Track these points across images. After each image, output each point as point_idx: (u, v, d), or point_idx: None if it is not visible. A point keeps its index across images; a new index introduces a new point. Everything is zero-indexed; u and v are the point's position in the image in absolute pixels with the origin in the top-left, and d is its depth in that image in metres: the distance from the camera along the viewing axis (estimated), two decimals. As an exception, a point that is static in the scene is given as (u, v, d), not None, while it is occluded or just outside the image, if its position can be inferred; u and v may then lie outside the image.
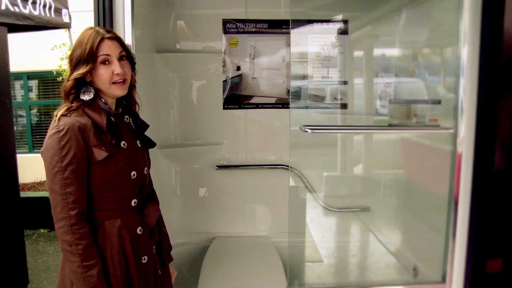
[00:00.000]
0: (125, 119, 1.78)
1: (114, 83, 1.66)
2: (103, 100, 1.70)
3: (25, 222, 5.15)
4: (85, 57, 1.60)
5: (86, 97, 1.66)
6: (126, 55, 1.72)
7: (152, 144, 1.94)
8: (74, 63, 1.63)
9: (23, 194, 6.19)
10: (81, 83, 1.65)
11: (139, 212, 1.75)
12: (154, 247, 1.86)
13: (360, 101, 3.37)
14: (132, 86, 1.82)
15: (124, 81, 1.68)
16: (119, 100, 1.79)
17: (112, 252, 1.64)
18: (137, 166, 1.74)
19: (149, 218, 1.78)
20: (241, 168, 3.33)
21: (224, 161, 3.31)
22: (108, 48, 1.64)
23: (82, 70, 1.60)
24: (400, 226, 3.29)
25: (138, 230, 1.73)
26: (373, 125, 3.39)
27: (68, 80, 1.64)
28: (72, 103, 1.63)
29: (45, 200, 5.68)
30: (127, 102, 1.83)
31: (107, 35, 1.65)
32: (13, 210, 3.77)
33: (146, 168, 1.81)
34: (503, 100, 2.29)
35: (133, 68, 1.79)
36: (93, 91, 1.67)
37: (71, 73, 1.64)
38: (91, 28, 1.68)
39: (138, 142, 1.80)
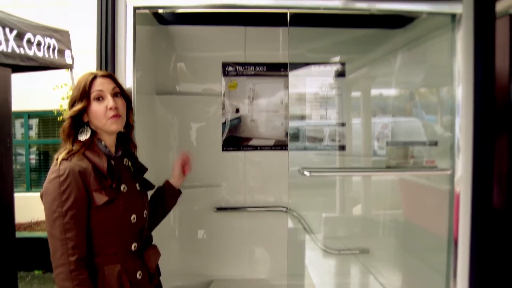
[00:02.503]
0: (125, 162, 1.79)
1: (108, 118, 1.67)
2: (103, 143, 1.71)
3: (19, 263, 5.08)
4: (79, 95, 1.64)
5: (83, 137, 1.67)
6: (120, 92, 1.74)
7: (151, 187, 1.94)
8: (71, 104, 1.67)
9: (18, 234, 6.11)
10: (78, 123, 1.68)
11: (139, 256, 1.74)
12: None
13: (358, 142, 3.39)
14: (130, 127, 1.84)
15: (119, 115, 1.70)
16: (118, 142, 1.80)
17: None
18: (137, 210, 1.74)
19: (150, 262, 1.76)
20: (240, 210, 3.32)
21: (223, 203, 3.30)
22: (100, 84, 1.68)
23: (77, 107, 1.63)
24: (400, 267, 3.25)
25: (138, 275, 1.71)
26: (370, 167, 3.40)
27: (65, 121, 1.67)
28: (72, 145, 1.65)
29: (41, 240, 5.62)
30: (126, 144, 1.85)
31: (100, 73, 1.70)
32: (8, 251, 3.71)
33: (145, 211, 1.80)
34: (498, 138, 2.32)
35: (129, 107, 1.81)
36: (89, 131, 1.69)
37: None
38: (88, 71, 1.73)
39: (137, 185, 1.80)
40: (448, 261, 2.31)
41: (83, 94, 1.64)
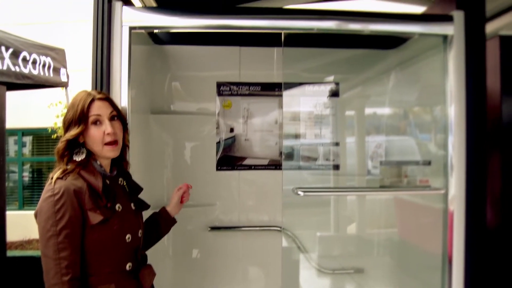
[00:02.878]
0: (120, 182, 1.79)
1: (106, 144, 1.67)
2: (98, 163, 1.71)
3: (10, 282, 4.99)
4: (77, 118, 1.63)
5: (78, 158, 1.66)
6: (117, 115, 1.74)
7: (146, 207, 1.94)
8: (67, 125, 1.66)
9: (9, 253, 6.04)
10: (74, 145, 1.67)
11: (134, 276, 1.72)
12: None
13: (352, 161, 3.40)
14: (125, 147, 1.84)
15: (116, 142, 1.70)
16: (113, 161, 1.80)
17: None
18: (132, 229, 1.73)
19: (145, 282, 1.75)
20: (234, 230, 3.30)
21: (217, 222, 3.28)
22: (98, 108, 1.67)
23: (73, 132, 1.63)
24: (395, 286, 3.24)
25: None
26: (364, 187, 3.41)
27: (60, 142, 1.66)
28: (67, 164, 1.65)
29: (32, 259, 5.54)
30: (121, 164, 1.85)
31: (98, 96, 1.69)
32: (-2, 270, 3.66)
33: (140, 231, 1.79)
34: (491, 157, 2.34)
35: (125, 129, 1.81)
36: (85, 152, 1.68)
37: (64, 135, 1.66)
38: (83, 91, 1.72)
39: (132, 204, 1.79)
40: (443, 280, 2.31)
41: (81, 117, 1.64)
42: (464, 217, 2.26)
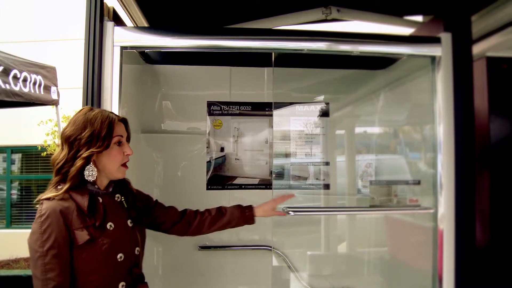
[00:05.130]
0: (116, 198, 1.78)
1: (122, 165, 1.72)
2: (91, 181, 1.70)
3: (-3, 303, 4.89)
4: (103, 135, 1.64)
5: (90, 178, 1.66)
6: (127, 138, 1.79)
7: (145, 223, 1.92)
8: (85, 142, 1.63)
9: (-4, 272, 5.96)
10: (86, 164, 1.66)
11: None
12: None
13: (342, 180, 3.41)
14: None
15: (126, 164, 1.75)
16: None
17: None
18: (125, 248, 1.70)
19: None
20: (224, 249, 3.28)
21: (207, 241, 3.26)
22: (121, 130, 1.73)
23: (96, 149, 1.63)
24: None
25: None
26: (354, 206, 3.42)
27: (79, 158, 1.63)
28: (76, 183, 1.63)
29: (19, 279, 5.45)
30: (120, 181, 1.83)
31: (119, 118, 1.74)
32: (-17, 292, 3.60)
33: (137, 248, 1.77)
34: (480, 175, 2.37)
35: None
36: (95, 171, 1.68)
37: (77, 151, 1.64)
38: (92, 109, 1.72)
39: (129, 221, 1.77)
40: (434, 300, 2.31)
41: (107, 135, 1.65)
42: (453, 236, 2.27)
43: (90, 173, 1.66)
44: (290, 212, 2.32)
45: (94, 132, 1.63)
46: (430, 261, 2.36)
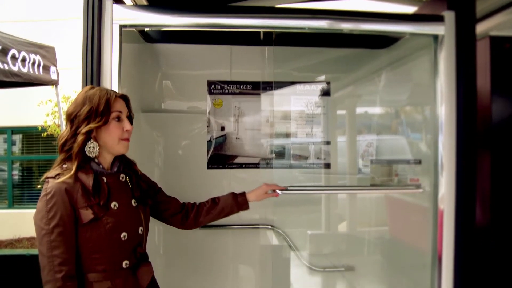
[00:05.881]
0: (121, 178, 1.78)
1: (121, 139, 1.71)
2: (96, 161, 1.71)
3: (0, 281, 4.95)
4: (100, 111, 1.65)
5: (92, 154, 1.68)
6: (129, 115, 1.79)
7: (149, 203, 1.93)
8: (83, 118, 1.65)
9: (-1, 251, 6.02)
10: (87, 139, 1.68)
11: (132, 273, 1.72)
12: None
13: (343, 160, 3.42)
14: None
15: (128, 139, 1.75)
16: (115, 158, 1.80)
17: None
18: (129, 227, 1.72)
19: (141, 280, 1.76)
20: (225, 228, 3.30)
21: (208, 220, 3.28)
22: (121, 106, 1.73)
23: (94, 124, 1.64)
24: (385, 284, 3.26)
25: None
26: (347, 186, 3.44)
27: (80, 135, 1.64)
28: (79, 161, 1.65)
29: (22, 258, 5.51)
30: (124, 160, 1.84)
31: (118, 94, 1.75)
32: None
33: (141, 228, 1.79)
34: (481, 156, 2.36)
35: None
36: (97, 148, 1.69)
37: (77, 127, 1.65)
38: (92, 87, 1.73)
39: (133, 201, 1.78)
40: (432, 278, 2.33)
41: (105, 111, 1.66)
42: (454, 216, 2.27)
43: (92, 149, 1.67)
44: (278, 191, 2.34)
45: (93, 108, 1.65)
46: (430, 241, 2.38)
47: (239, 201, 2.19)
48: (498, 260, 2.56)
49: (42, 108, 7.09)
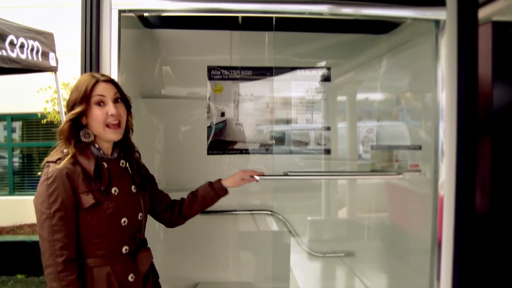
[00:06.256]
0: (121, 164, 1.78)
1: (108, 126, 1.67)
2: (96, 146, 1.70)
3: (1, 267, 5.00)
4: (80, 99, 1.63)
5: (87, 139, 1.68)
6: (121, 98, 1.74)
7: (149, 189, 1.93)
8: (70, 107, 1.66)
9: (1, 238, 6.05)
10: (78, 126, 1.67)
11: (132, 258, 1.73)
12: None
13: (343, 146, 3.42)
14: (128, 130, 1.83)
15: (119, 124, 1.70)
16: (115, 144, 1.79)
17: None
18: (129, 213, 1.73)
19: (141, 265, 1.76)
20: (225, 213, 3.31)
21: (208, 206, 3.29)
22: (103, 90, 1.67)
23: (76, 110, 1.63)
24: (385, 269, 3.28)
25: (129, 277, 1.71)
26: (339, 171, 3.46)
27: (64, 123, 1.66)
28: (75, 147, 1.64)
29: (24, 244, 5.55)
30: (124, 146, 1.83)
31: (102, 78, 1.69)
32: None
33: (141, 214, 1.79)
34: (481, 142, 2.36)
35: (129, 112, 1.80)
36: (91, 133, 1.69)
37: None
38: (88, 74, 1.72)
39: (133, 187, 1.78)
40: (432, 263, 2.34)
41: (84, 97, 1.64)
42: (454, 202, 2.27)
43: (85, 136, 1.68)
44: (256, 177, 2.31)
45: (77, 96, 1.64)
46: (430, 226, 2.38)
47: (215, 188, 2.17)
48: (498, 246, 2.57)
49: (41, 95, 7.06)
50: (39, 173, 1.62)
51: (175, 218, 2.10)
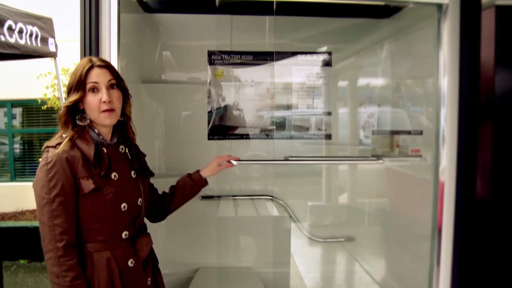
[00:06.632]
0: (120, 149, 1.77)
1: (102, 111, 1.65)
2: (96, 131, 1.69)
3: (4, 252, 5.02)
4: (75, 85, 1.62)
5: (82, 122, 1.67)
6: (117, 84, 1.71)
7: (150, 174, 1.92)
8: (68, 91, 1.65)
9: (3, 223, 6.08)
10: (75, 111, 1.66)
11: (131, 244, 1.73)
12: (149, 279, 1.83)
13: (344, 131, 3.41)
14: (126, 115, 1.80)
15: (112, 109, 1.67)
16: (115, 129, 1.78)
17: (99, 285, 1.62)
18: (129, 198, 1.72)
19: (141, 251, 1.75)
20: (226, 199, 3.32)
21: (209, 191, 3.29)
22: (96, 76, 1.64)
23: (72, 98, 1.62)
24: (385, 255, 3.29)
25: (129, 263, 1.70)
26: (332, 156, 3.46)
27: (61, 108, 1.66)
28: (73, 129, 1.64)
29: (26, 230, 5.58)
30: (123, 131, 1.82)
31: (98, 63, 1.66)
32: (-8, 241, 3.67)
33: (140, 199, 1.78)
34: (483, 128, 2.35)
35: (126, 99, 1.78)
36: (87, 118, 1.67)
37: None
38: (86, 58, 1.69)
39: (132, 172, 1.78)
40: (432, 249, 2.35)
41: (79, 84, 1.62)
42: (454, 188, 2.27)
43: (81, 120, 1.67)
44: (234, 162, 2.31)
45: (73, 81, 1.63)
46: (430, 213, 2.39)
47: (194, 178, 2.15)
48: (498, 232, 2.58)
49: (41, 81, 7.03)
50: (40, 159, 1.61)
51: (156, 213, 2.09)
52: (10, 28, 4.01)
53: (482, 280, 2.33)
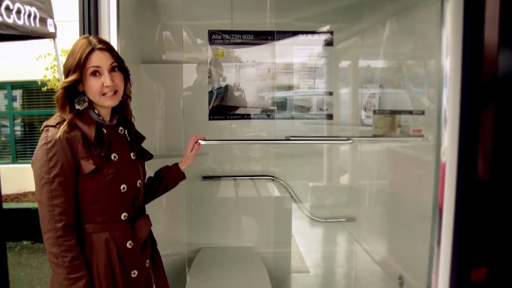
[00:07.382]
0: (120, 131, 1.77)
1: (104, 94, 1.64)
2: (96, 111, 1.68)
3: (7, 234, 5.06)
4: (74, 67, 1.59)
5: (80, 106, 1.64)
6: (118, 66, 1.69)
7: (148, 156, 1.92)
8: (66, 72, 1.62)
9: (5, 205, 6.11)
10: (74, 93, 1.64)
11: (130, 225, 1.73)
12: (148, 260, 1.84)
13: (345, 111, 3.40)
14: (126, 96, 1.79)
15: (115, 92, 1.66)
16: (114, 110, 1.77)
17: (98, 265, 1.62)
18: (128, 179, 1.72)
19: (140, 232, 1.76)
20: (227, 179, 3.32)
21: (210, 171, 3.30)
22: (99, 60, 1.62)
23: (70, 79, 1.59)
24: (385, 235, 3.31)
25: (128, 244, 1.71)
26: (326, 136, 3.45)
27: (58, 90, 1.63)
28: (70, 112, 1.62)
29: (28, 211, 5.62)
30: (123, 113, 1.81)
31: (98, 46, 1.63)
32: (-5, 222, 3.69)
33: (139, 181, 1.78)
34: (485, 110, 2.33)
35: (127, 79, 1.76)
36: (87, 100, 1.66)
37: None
38: (84, 37, 1.66)
39: (132, 154, 1.77)
40: (432, 230, 2.35)
41: (78, 66, 1.59)
42: (455, 168, 2.27)
43: (79, 103, 1.65)
44: (201, 141, 2.24)
45: (72, 63, 1.60)
46: (431, 193, 2.39)
47: (172, 169, 2.11)
48: (499, 212, 2.58)
49: (41, 62, 7.00)
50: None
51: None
52: (7, 8, 3.97)
53: (482, 261, 2.34)
